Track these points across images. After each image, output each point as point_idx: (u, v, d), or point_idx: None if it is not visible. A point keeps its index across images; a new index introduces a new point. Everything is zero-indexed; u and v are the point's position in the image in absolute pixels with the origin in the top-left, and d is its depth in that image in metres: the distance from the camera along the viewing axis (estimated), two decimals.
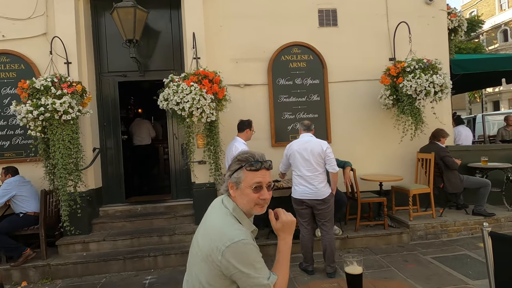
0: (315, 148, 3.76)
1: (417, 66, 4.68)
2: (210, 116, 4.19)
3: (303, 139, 3.87)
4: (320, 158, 3.77)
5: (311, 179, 3.74)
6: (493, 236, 2.53)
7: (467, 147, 5.86)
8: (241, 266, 1.33)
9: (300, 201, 3.79)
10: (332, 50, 5.40)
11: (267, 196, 1.47)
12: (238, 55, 5.24)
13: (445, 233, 4.90)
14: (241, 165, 1.47)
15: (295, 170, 3.83)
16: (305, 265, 3.91)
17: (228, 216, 1.45)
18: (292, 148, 3.85)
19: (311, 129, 3.95)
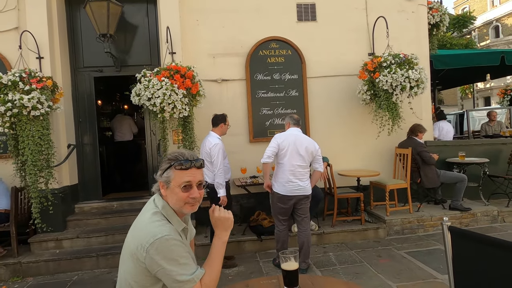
0: (310, 146, 3.71)
1: (393, 61, 4.66)
2: (183, 111, 4.14)
3: (294, 133, 3.75)
4: (312, 156, 3.73)
5: (302, 175, 3.69)
6: (453, 231, 2.53)
7: (445, 142, 5.87)
8: (164, 262, 1.31)
9: (287, 198, 3.68)
10: (311, 45, 5.36)
11: (197, 195, 1.44)
12: (215, 50, 5.18)
13: (422, 227, 4.92)
14: (170, 164, 1.44)
15: (285, 164, 3.64)
16: (279, 261, 3.84)
17: (156, 215, 1.42)
18: (287, 139, 3.66)
19: (299, 124, 3.88)
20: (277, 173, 3.74)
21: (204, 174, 3.94)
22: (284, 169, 3.66)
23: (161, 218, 1.42)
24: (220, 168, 3.82)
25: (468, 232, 2.39)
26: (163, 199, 1.47)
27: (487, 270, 2.30)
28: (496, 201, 5.59)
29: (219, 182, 3.83)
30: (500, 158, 5.81)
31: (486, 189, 5.56)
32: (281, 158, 3.68)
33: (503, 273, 2.01)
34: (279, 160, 3.69)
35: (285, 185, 3.65)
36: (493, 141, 6.12)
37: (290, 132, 3.76)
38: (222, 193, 3.86)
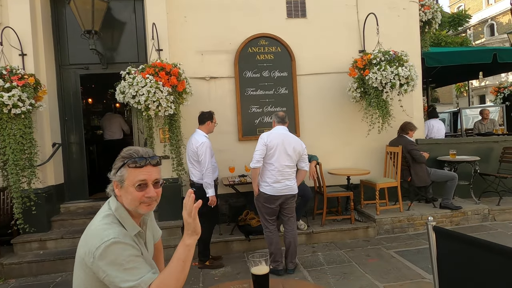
0: (297, 145, 3.64)
1: (383, 58, 4.60)
2: (168, 109, 4.06)
3: (281, 132, 3.66)
4: (299, 155, 3.66)
5: (289, 175, 3.62)
6: (437, 231, 2.47)
7: (437, 140, 5.83)
8: (108, 268, 1.23)
9: (274, 198, 3.60)
10: (300, 42, 5.29)
11: (153, 193, 1.36)
12: (204, 47, 5.10)
13: (412, 226, 4.87)
14: (124, 162, 1.35)
15: (272, 164, 3.55)
16: (274, 265, 3.69)
17: (107, 218, 1.34)
18: (275, 138, 3.56)
19: (286, 122, 3.79)
20: (263, 173, 3.63)
21: (191, 173, 3.89)
22: (272, 169, 3.57)
23: (111, 221, 1.33)
24: (208, 168, 3.74)
25: (453, 233, 2.34)
26: (118, 200, 1.39)
27: (471, 271, 2.25)
28: (487, 199, 5.56)
29: (208, 182, 3.75)
30: (492, 156, 5.78)
31: (477, 187, 5.53)
32: (269, 158, 3.58)
33: (488, 274, 1.96)
34: (267, 160, 3.59)
35: (272, 185, 3.57)
36: (485, 139, 6.09)
37: (277, 131, 3.67)
38: (211, 193, 3.78)
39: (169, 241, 4.46)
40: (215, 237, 4.50)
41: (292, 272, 3.78)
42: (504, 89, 8.88)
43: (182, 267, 1.28)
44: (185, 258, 1.28)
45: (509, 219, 5.11)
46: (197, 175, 3.82)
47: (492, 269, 1.93)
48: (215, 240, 4.43)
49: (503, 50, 6.63)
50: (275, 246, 3.68)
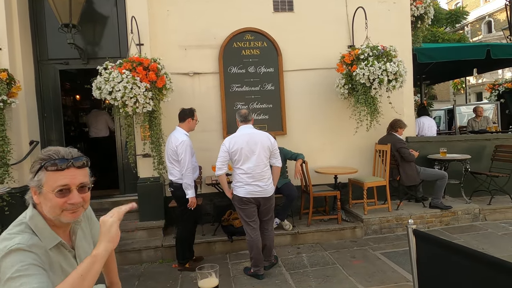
0: (264, 141, 3.48)
1: (371, 54, 4.45)
2: (146, 106, 3.91)
3: (245, 131, 3.52)
4: (269, 151, 3.52)
5: (261, 176, 3.46)
6: (417, 234, 2.35)
7: (428, 138, 5.70)
8: (3, 278, 1.06)
9: (247, 200, 3.47)
10: (287, 36, 5.14)
11: (77, 199, 1.20)
12: (187, 41, 4.94)
13: (401, 226, 4.75)
14: (41, 165, 1.19)
15: (240, 168, 3.45)
16: (255, 270, 3.57)
17: (18, 226, 1.18)
18: (236, 143, 3.44)
19: (249, 119, 3.63)
20: (234, 176, 3.53)
21: (170, 173, 3.74)
22: (240, 173, 3.45)
23: (20, 230, 1.17)
24: (188, 168, 3.58)
25: (432, 237, 2.22)
26: (37, 207, 1.23)
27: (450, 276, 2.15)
28: (478, 198, 5.45)
29: (188, 183, 3.59)
30: (484, 154, 5.65)
31: (469, 186, 5.41)
32: (235, 163, 3.47)
33: (466, 281, 1.85)
34: (234, 165, 3.48)
35: (244, 186, 3.45)
36: (477, 137, 5.96)
37: (240, 132, 3.53)
38: (191, 194, 3.62)
39: (149, 242, 4.34)
40: (197, 238, 4.36)
41: (268, 269, 3.70)
42: (499, 86, 8.77)
43: (80, 284, 1.08)
44: (85, 272, 1.09)
45: (500, 219, 4.99)
46: (176, 175, 3.68)
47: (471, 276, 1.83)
48: (197, 241, 4.29)
49: (496, 46, 6.49)
50: (255, 251, 3.54)
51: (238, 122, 3.67)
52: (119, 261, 4.11)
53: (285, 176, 4.73)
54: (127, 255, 4.16)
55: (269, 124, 5.09)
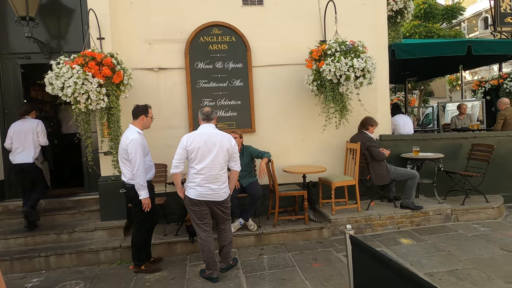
0: (224, 142, 3.34)
1: (338, 49, 4.30)
2: (100, 102, 3.76)
3: (205, 130, 3.38)
4: (227, 154, 3.37)
5: (216, 178, 3.32)
6: (353, 241, 2.23)
7: (402, 136, 5.56)
8: None
9: (198, 201, 3.34)
10: (257, 31, 4.98)
11: None
12: (152, 35, 4.78)
13: (370, 227, 4.63)
14: None
15: (194, 167, 3.31)
16: (209, 273, 3.47)
17: None
18: (194, 140, 3.29)
19: (211, 118, 3.49)
20: (188, 175, 3.39)
21: (122, 173, 3.60)
22: (194, 173, 3.31)
23: None
24: (140, 167, 3.44)
25: (365, 246, 2.11)
26: None
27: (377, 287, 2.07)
28: (454, 198, 5.33)
29: (140, 183, 3.45)
30: (461, 153, 5.53)
31: (444, 186, 5.29)
32: (191, 162, 3.32)
33: None
34: (190, 164, 3.34)
35: (196, 188, 3.31)
36: (454, 136, 5.83)
37: (200, 131, 3.39)
38: (144, 195, 3.48)
39: (109, 243, 4.22)
40: (158, 238, 4.27)
41: (225, 271, 3.59)
42: (485, 83, 8.61)
43: None
44: None
45: (472, 220, 4.88)
46: (128, 175, 3.54)
47: None
48: (157, 242, 4.19)
49: (477, 42, 6.33)
50: (207, 254, 3.42)
51: (200, 120, 3.53)
52: (76, 261, 4.04)
53: (252, 175, 4.60)
54: (84, 256, 4.04)
55: (237, 121, 4.95)
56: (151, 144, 4.44)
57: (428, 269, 3.50)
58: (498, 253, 3.78)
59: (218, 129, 3.47)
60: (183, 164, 3.35)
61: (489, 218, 4.93)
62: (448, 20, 24.81)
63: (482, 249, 3.91)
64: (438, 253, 3.87)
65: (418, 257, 3.78)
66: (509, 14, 7.28)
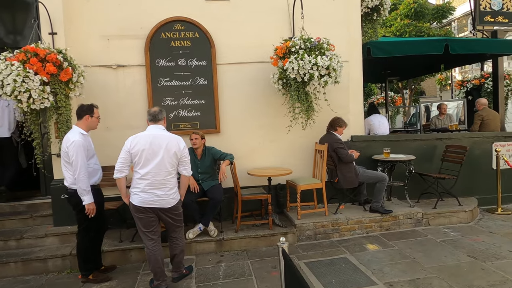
0: (171, 145, 3.13)
1: (303, 46, 4.11)
2: (44, 101, 3.53)
3: (151, 132, 3.18)
4: (176, 158, 3.16)
5: (162, 184, 3.11)
6: (284, 256, 2.05)
7: (374, 137, 5.39)
8: None
9: (142, 208, 3.12)
10: (222, 27, 4.76)
11: None
12: (110, 31, 4.54)
13: (337, 232, 4.45)
14: None
15: (138, 172, 3.10)
16: (157, 283, 3.26)
17: None
18: (138, 143, 3.09)
19: (159, 119, 3.27)
20: (132, 181, 3.18)
21: (64, 177, 3.36)
22: (138, 178, 3.10)
23: None
24: (82, 171, 3.20)
25: (290, 263, 1.94)
26: None
27: None
28: (427, 201, 5.18)
29: (82, 188, 3.21)
30: (435, 154, 5.37)
31: (418, 188, 5.14)
32: (135, 166, 3.11)
33: None
34: (134, 168, 3.13)
35: (139, 194, 3.09)
36: (427, 136, 5.67)
37: (146, 132, 3.17)
38: (87, 201, 3.24)
39: (60, 250, 4.00)
40: (112, 245, 4.04)
41: (177, 281, 3.41)
42: (467, 83, 8.50)
43: None
44: None
45: (444, 224, 4.73)
46: (70, 179, 3.31)
47: None
48: (110, 249, 3.97)
49: (454, 41, 6.17)
50: (154, 264, 3.21)
51: (147, 121, 3.32)
52: (23, 270, 3.80)
53: (215, 178, 4.39)
54: (31, 265, 3.81)
55: (201, 122, 4.74)
56: (109, 145, 4.24)
57: (389, 278, 3.33)
58: (464, 260, 3.62)
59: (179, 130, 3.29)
60: (127, 168, 3.14)
61: (461, 222, 4.78)
62: (438, 19, 24.85)
63: (448, 256, 3.75)
64: (402, 260, 3.70)
65: (381, 265, 3.60)
66: (489, 12, 7.14)
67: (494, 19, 7.11)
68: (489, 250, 3.85)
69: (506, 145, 5.60)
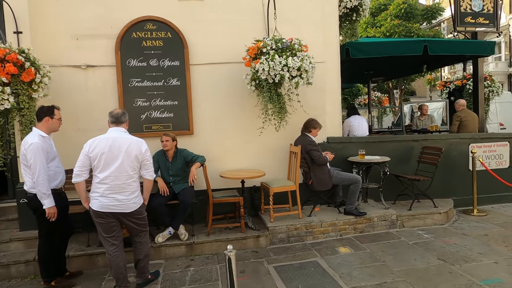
0: (132, 148, 3.05)
1: (274, 46, 4.05)
2: (4, 103, 3.42)
3: (111, 135, 3.10)
4: (137, 161, 3.08)
5: (122, 188, 3.03)
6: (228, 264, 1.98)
7: (350, 139, 5.35)
8: None
9: (102, 213, 3.03)
10: (195, 27, 4.68)
11: None
12: (79, 30, 4.43)
13: (311, 235, 4.41)
14: None
15: (98, 176, 3.02)
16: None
17: None
18: (97, 146, 3.01)
19: (122, 121, 3.20)
20: (92, 185, 3.09)
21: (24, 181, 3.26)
22: (97, 182, 3.02)
23: None
24: (41, 175, 3.10)
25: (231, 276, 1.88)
26: None
27: None
28: (404, 202, 5.15)
29: (42, 191, 3.11)
30: (412, 156, 5.35)
31: (395, 190, 5.12)
32: (94, 169, 3.03)
33: None
34: (94, 172, 3.05)
35: (99, 198, 3.01)
36: (404, 138, 5.67)
37: (106, 135, 3.10)
38: (48, 204, 3.14)
39: (24, 255, 3.90)
40: (78, 250, 3.95)
41: (141, 287, 3.34)
42: (449, 83, 8.52)
43: None
44: None
45: (418, 226, 4.71)
46: (29, 183, 3.21)
47: None
48: (77, 254, 3.89)
49: (433, 42, 6.17)
50: (115, 270, 3.13)
51: (109, 123, 3.23)
52: None
53: (186, 180, 4.30)
54: None
55: (174, 123, 4.66)
56: (80, 147, 4.11)
57: (356, 282, 3.29)
58: (433, 263, 3.60)
59: (151, 132, 3.22)
60: (86, 172, 3.05)
61: (435, 223, 4.77)
62: (428, 20, 25.03)
63: (418, 258, 3.73)
64: (372, 263, 3.67)
65: (351, 269, 3.56)
66: (470, 13, 7.16)
67: (474, 20, 7.14)
68: (459, 253, 3.83)
69: (483, 147, 5.62)
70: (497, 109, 10.15)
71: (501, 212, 5.28)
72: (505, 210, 5.38)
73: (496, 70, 23.54)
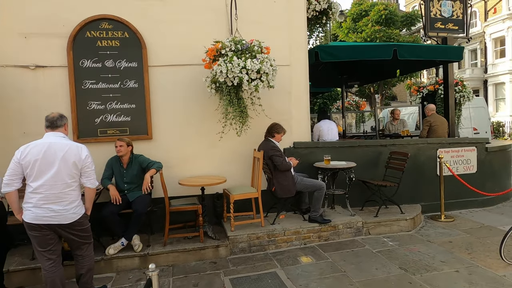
0: (69, 154, 2.81)
1: (234, 48, 3.89)
2: None
3: (47, 141, 2.84)
4: (76, 169, 2.84)
5: (59, 198, 2.77)
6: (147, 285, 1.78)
7: (317, 144, 5.24)
8: None
9: (35, 225, 2.77)
10: (154, 27, 4.49)
11: None
12: (29, 28, 4.17)
13: (273, 244, 4.24)
14: None
15: (30, 185, 2.76)
16: None
17: None
18: (30, 152, 2.74)
19: (58, 126, 2.94)
20: (25, 195, 2.82)
21: None
22: (30, 191, 2.76)
23: None
24: None
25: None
26: None
27: None
28: (372, 208, 5.06)
29: None
30: (380, 161, 5.28)
31: (363, 196, 5.02)
32: (27, 178, 2.77)
33: None
34: (26, 180, 2.79)
35: (32, 209, 2.75)
36: (372, 143, 5.59)
37: (41, 141, 2.83)
38: None
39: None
40: (20, 264, 3.67)
41: None
42: (423, 88, 8.57)
43: None
44: None
45: (384, 233, 4.62)
46: None
47: None
48: (18, 268, 3.61)
49: (402, 46, 6.13)
50: (51, 287, 2.87)
51: (45, 128, 2.98)
52: None
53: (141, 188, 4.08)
54: None
55: (131, 127, 4.43)
56: None
57: None
58: (394, 273, 3.48)
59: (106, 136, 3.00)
60: (17, 181, 2.78)
61: (402, 230, 4.69)
62: (407, 26, 25.55)
63: (379, 268, 3.61)
64: (332, 274, 3.53)
65: (309, 280, 3.41)
66: (439, 19, 7.21)
67: (444, 26, 7.19)
68: (422, 261, 3.74)
69: (451, 152, 5.60)
70: (470, 114, 10.31)
71: (468, 218, 5.25)
72: (473, 216, 5.36)
73: (472, 76, 24.13)
